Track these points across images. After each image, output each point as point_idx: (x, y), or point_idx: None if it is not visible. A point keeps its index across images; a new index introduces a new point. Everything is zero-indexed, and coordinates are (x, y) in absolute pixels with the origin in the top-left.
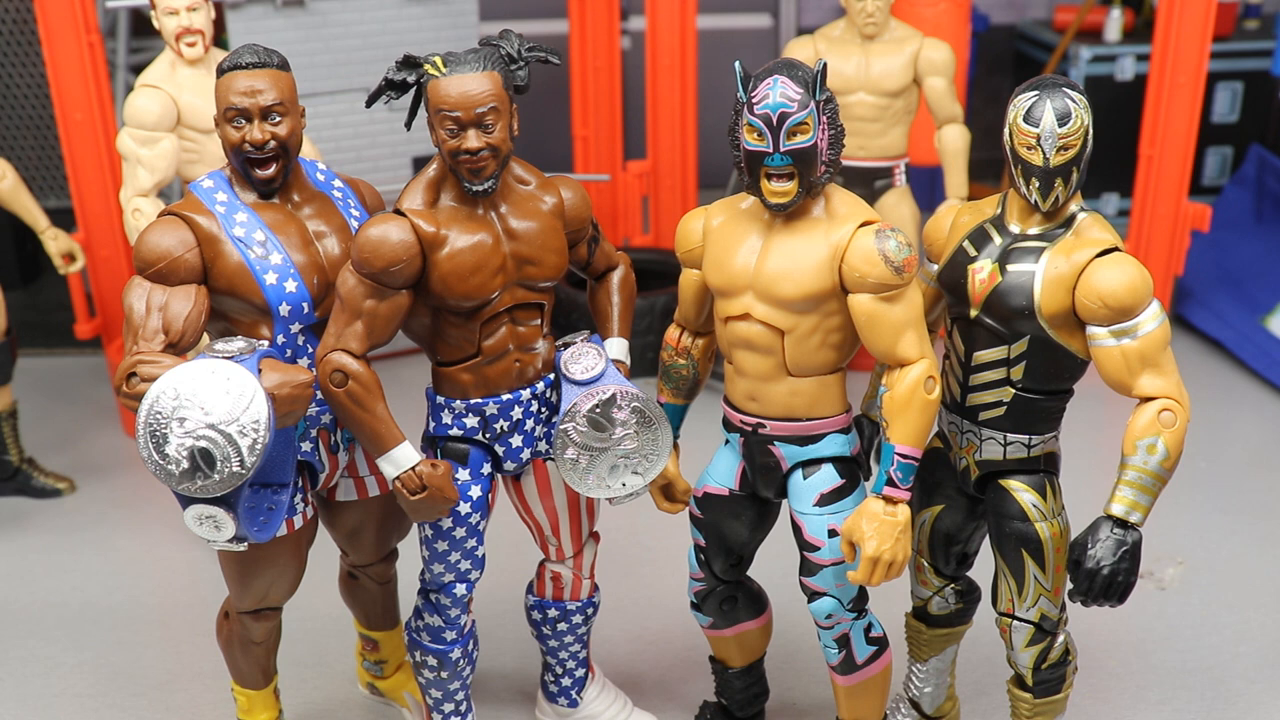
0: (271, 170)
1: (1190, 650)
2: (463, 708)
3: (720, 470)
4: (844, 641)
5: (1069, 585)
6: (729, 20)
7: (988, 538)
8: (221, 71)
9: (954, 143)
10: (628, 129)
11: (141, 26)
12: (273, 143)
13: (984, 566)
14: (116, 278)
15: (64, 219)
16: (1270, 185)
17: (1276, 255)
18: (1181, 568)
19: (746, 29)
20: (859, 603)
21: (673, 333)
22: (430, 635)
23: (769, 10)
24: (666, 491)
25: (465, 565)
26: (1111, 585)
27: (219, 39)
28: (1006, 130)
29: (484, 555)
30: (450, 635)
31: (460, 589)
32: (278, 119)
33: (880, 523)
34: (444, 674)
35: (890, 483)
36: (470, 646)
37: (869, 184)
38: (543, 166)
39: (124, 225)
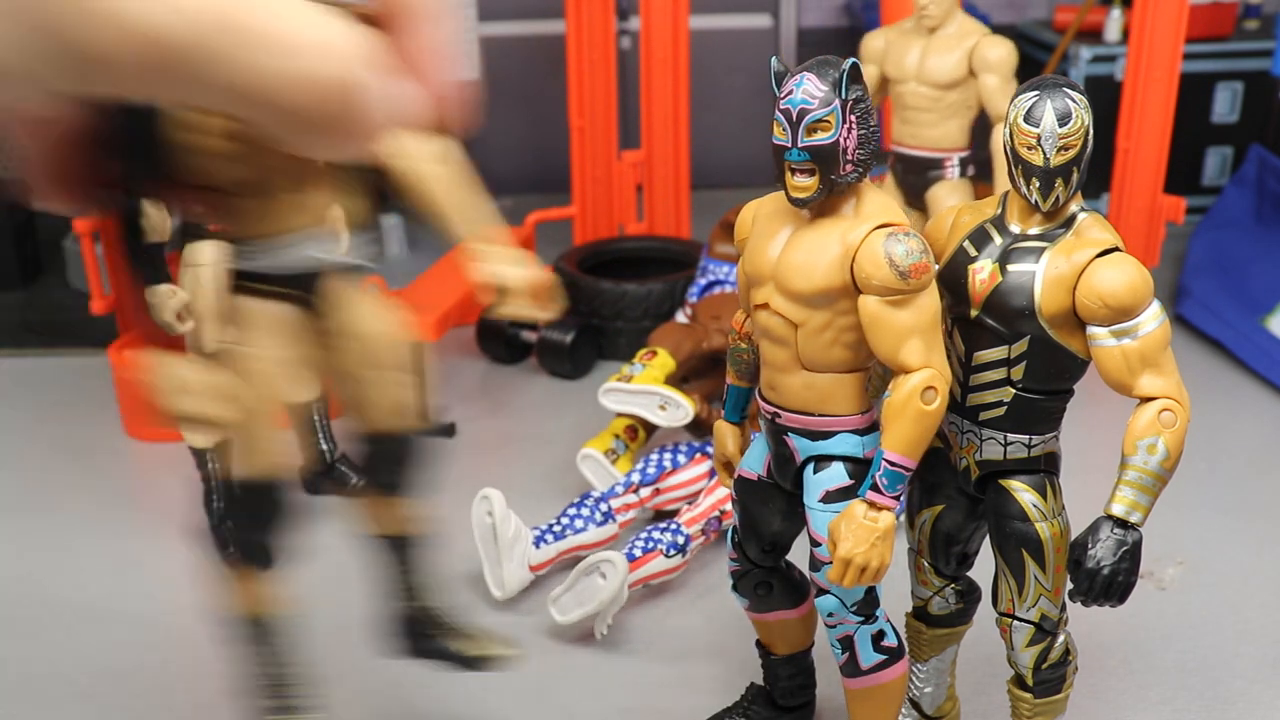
0: None
1: (1190, 650)
2: None
3: (753, 455)
4: (847, 643)
5: (1069, 585)
6: (729, 20)
7: (988, 538)
8: None
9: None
10: (627, 123)
11: None
12: None
13: (984, 566)
14: None
15: (65, 218)
16: (1270, 185)
17: (1276, 255)
18: (1181, 568)
19: (746, 29)
20: (865, 607)
21: (738, 318)
22: None
23: (769, 10)
24: (730, 470)
25: None
26: (1112, 585)
27: None
28: (1007, 130)
29: None
30: None
31: None
32: None
33: (858, 526)
34: None
35: (875, 488)
36: None
37: (921, 173)
38: (543, 160)
39: None
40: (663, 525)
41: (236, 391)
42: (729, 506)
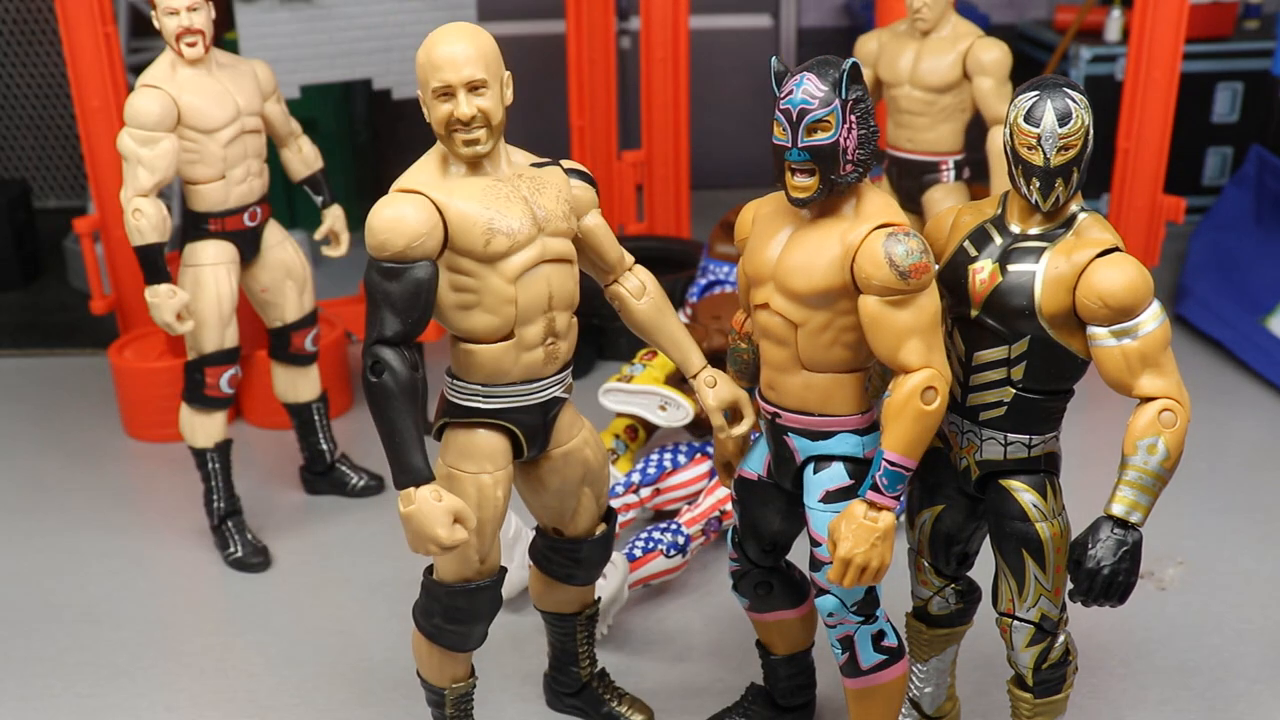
0: None
1: (1190, 650)
2: None
3: (754, 456)
4: (848, 643)
5: (1069, 585)
6: (729, 20)
7: (988, 538)
8: None
9: (999, 144)
10: (627, 123)
11: (141, 26)
12: None
13: (984, 566)
14: (131, 258)
15: (65, 218)
16: (1270, 185)
17: (1276, 255)
18: (1181, 568)
19: (746, 29)
20: (865, 607)
21: (738, 317)
22: None
23: (769, 10)
24: (729, 470)
25: None
26: (1112, 585)
27: (220, 39)
28: (1007, 130)
29: None
30: None
31: None
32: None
33: (858, 526)
34: None
35: (875, 488)
36: None
37: (917, 177)
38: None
39: (125, 225)
40: (663, 525)
41: (468, 513)
42: (729, 507)
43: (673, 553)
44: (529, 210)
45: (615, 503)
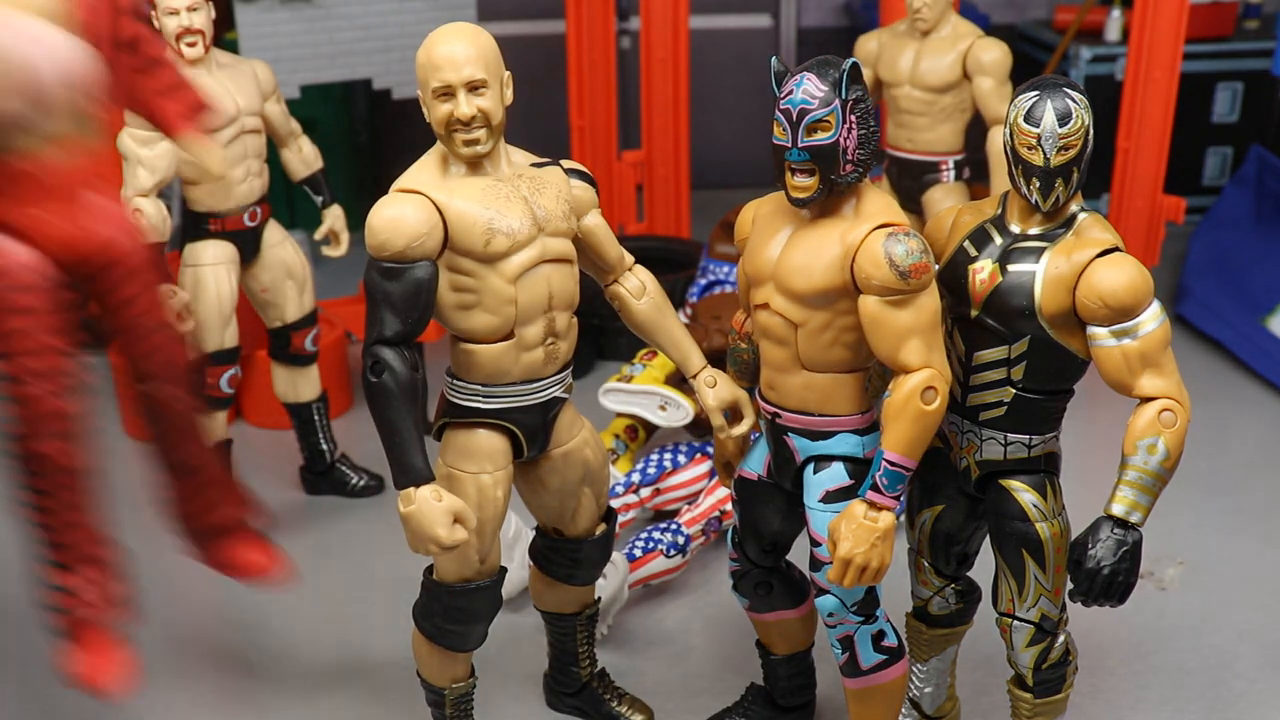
0: None
1: (1190, 650)
2: None
3: (754, 456)
4: (848, 643)
5: (1069, 585)
6: (729, 20)
7: (988, 538)
8: None
9: (1000, 144)
10: (627, 123)
11: None
12: None
13: (984, 566)
14: None
15: None
16: (1270, 185)
17: (1276, 255)
18: (1181, 568)
19: (746, 29)
20: (865, 607)
21: (738, 317)
22: None
23: (769, 10)
24: (729, 470)
25: None
26: (1112, 585)
27: (220, 39)
28: (1007, 130)
29: None
30: None
31: None
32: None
33: (858, 525)
34: None
35: (875, 488)
36: None
37: (917, 177)
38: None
39: None
40: (663, 525)
41: (469, 513)
42: (729, 507)
43: (673, 553)
44: (529, 210)
45: (615, 503)
